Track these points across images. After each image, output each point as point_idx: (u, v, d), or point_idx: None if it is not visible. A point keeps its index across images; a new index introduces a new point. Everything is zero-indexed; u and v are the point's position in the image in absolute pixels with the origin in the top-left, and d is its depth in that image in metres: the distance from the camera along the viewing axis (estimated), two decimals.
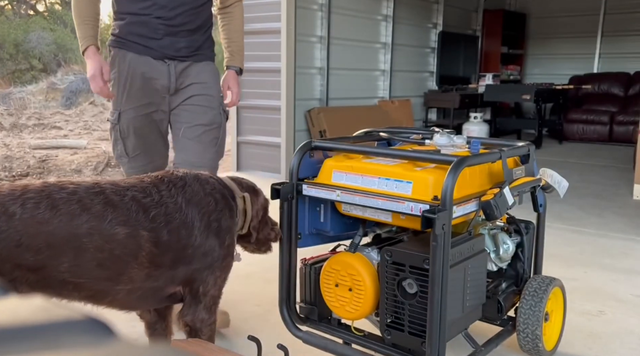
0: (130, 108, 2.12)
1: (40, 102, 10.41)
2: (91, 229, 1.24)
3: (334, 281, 1.61)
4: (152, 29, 2.07)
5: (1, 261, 1.16)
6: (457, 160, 1.40)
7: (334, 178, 1.62)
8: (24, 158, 5.73)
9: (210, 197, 1.45)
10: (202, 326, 1.46)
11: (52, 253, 1.21)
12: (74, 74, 11.79)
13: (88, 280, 1.27)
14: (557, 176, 1.83)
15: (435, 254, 1.37)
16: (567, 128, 7.63)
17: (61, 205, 1.22)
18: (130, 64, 2.10)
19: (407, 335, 1.50)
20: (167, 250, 1.34)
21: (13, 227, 1.17)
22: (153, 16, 2.06)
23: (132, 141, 2.16)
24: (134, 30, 2.09)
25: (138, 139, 2.17)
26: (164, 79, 2.11)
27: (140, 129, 2.16)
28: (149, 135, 2.19)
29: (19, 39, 14.47)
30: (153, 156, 2.22)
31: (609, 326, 2.18)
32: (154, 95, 2.13)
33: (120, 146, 2.18)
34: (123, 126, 2.15)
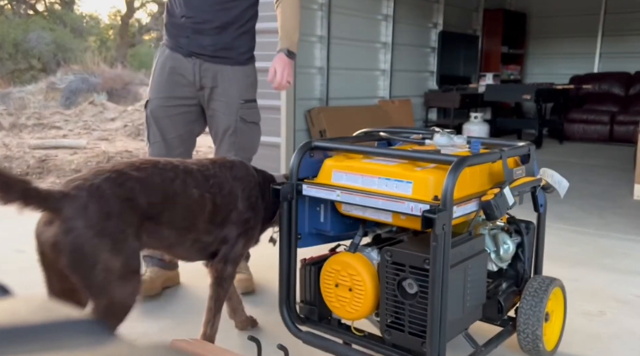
0: (156, 98, 2.27)
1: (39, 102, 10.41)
2: (181, 190, 1.60)
3: (334, 281, 1.61)
4: (181, 28, 2.23)
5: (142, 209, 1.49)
6: (458, 160, 1.39)
7: (333, 177, 1.62)
8: (24, 158, 5.73)
9: (252, 177, 1.81)
10: (227, 278, 1.78)
11: (163, 206, 1.55)
12: (73, 73, 11.79)
13: (174, 230, 1.60)
14: (557, 176, 1.83)
15: (435, 254, 1.37)
16: (567, 128, 7.63)
17: (164, 173, 1.58)
18: (165, 59, 2.28)
19: (407, 335, 1.50)
20: (220, 211, 1.68)
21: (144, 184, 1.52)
22: (181, 15, 2.21)
23: (154, 129, 2.28)
24: (171, 30, 2.27)
25: (159, 129, 2.28)
26: (190, 75, 2.24)
27: (161, 119, 2.27)
28: (168, 127, 2.28)
29: (18, 39, 14.48)
30: (170, 149, 2.28)
31: (610, 326, 2.17)
32: (179, 89, 2.26)
33: (146, 132, 2.33)
34: (148, 113, 2.30)
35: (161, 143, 2.28)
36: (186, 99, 2.28)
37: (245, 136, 2.30)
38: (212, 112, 2.29)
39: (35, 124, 8.17)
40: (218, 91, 2.26)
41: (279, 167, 5.11)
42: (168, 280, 2.43)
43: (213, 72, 2.24)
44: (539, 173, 1.80)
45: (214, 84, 2.25)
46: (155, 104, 2.27)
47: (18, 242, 3.10)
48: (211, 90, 2.26)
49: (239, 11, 2.24)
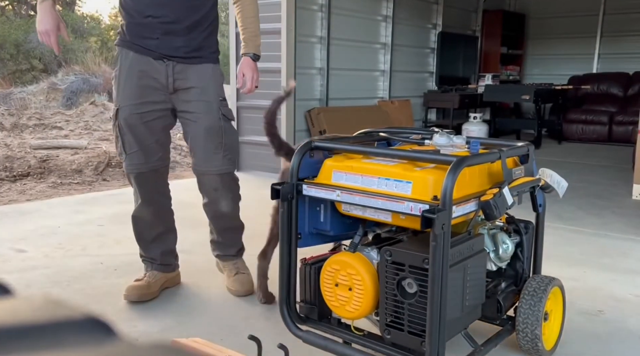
0: (127, 105, 2.15)
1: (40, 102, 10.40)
2: None
3: (334, 281, 1.62)
4: (149, 29, 2.10)
5: None
6: (457, 160, 1.40)
7: (333, 177, 1.62)
8: (25, 158, 5.73)
9: None
10: None
11: None
12: (74, 74, 11.78)
13: None
14: (556, 176, 1.83)
15: (435, 254, 1.37)
16: (566, 128, 7.63)
17: None
18: (131, 62, 2.14)
19: (406, 335, 1.50)
20: None
21: None
22: (149, 15, 2.09)
23: (129, 138, 2.18)
24: (135, 30, 2.13)
25: (134, 137, 2.18)
26: (162, 78, 2.14)
27: (136, 127, 2.17)
28: (145, 133, 2.19)
29: (19, 40, 14.47)
30: (149, 155, 2.21)
31: (608, 326, 2.18)
32: (151, 94, 2.15)
33: (119, 143, 2.20)
34: (121, 122, 2.17)
35: (139, 152, 2.19)
36: (160, 103, 2.18)
37: (231, 134, 2.25)
38: (190, 115, 2.19)
39: (37, 124, 8.17)
40: (196, 91, 2.17)
41: (279, 167, 5.11)
42: (168, 281, 2.43)
43: (188, 73, 2.16)
44: (537, 173, 1.80)
45: (191, 85, 2.17)
46: (127, 111, 2.15)
47: (18, 242, 3.10)
48: (187, 91, 2.17)
49: (206, 10, 2.18)
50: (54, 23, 2.05)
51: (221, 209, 2.33)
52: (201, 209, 2.41)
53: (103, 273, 2.66)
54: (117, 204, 3.92)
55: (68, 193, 4.74)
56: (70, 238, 3.17)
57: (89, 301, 2.34)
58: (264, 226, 2.28)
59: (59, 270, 2.70)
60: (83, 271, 2.69)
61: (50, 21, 2.05)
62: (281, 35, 4.91)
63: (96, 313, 0.30)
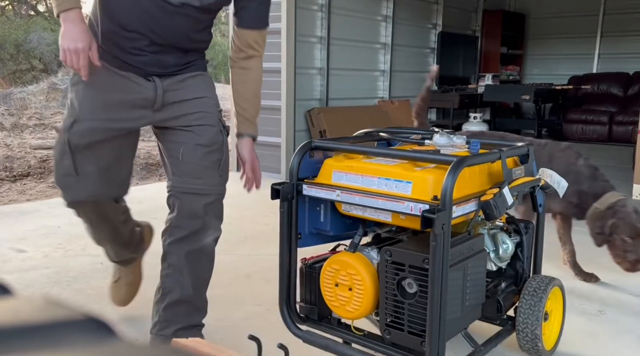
0: (92, 118, 1.73)
1: (41, 102, 10.40)
2: None
3: (334, 281, 1.62)
4: (135, 44, 1.71)
5: None
6: (457, 160, 1.40)
7: (333, 177, 1.62)
8: (25, 158, 5.74)
9: None
10: None
11: None
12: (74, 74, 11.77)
13: None
14: (556, 175, 1.83)
15: (435, 254, 1.37)
16: (566, 128, 7.63)
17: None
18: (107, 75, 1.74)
19: (406, 335, 1.50)
20: None
21: None
22: (131, 29, 1.70)
23: (86, 156, 1.75)
24: (115, 40, 1.72)
25: (93, 157, 1.76)
26: (149, 92, 1.76)
27: (98, 145, 1.75)
28: (108, 156, 1.80)
29: (19, 40, 14.47)
30: (108, 183, 1.83)
31: (608, 326, 2.18)
32: (128, 110, 1.77)
33: (67, 161, 1.74)
34: (75, 137, 1.73)
35: (95, 177, 1.78)
36: (136, 120, 1.80)
37: (227, 152, 1.90)
38: (186, 128, 1.81)
39: (37, 124, 8.17)
40: (192, 103, 1.81)
41: (279, 167, 5.11)
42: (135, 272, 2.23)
43: (180, 84, 1.81)
44: (537, 173, 1.80)
45: (185, 97, 1.81)
46: (89, 125, 1.73)
47: (18, 242, 3.10)
48: (180, 104, 1.80)
49: (205, 35, 1.85)
50: (87, 40, 1.61)
51: (204, 242, 1.83)
52: None
53: (103, 273, 2.66)
54: None
55: None
56: (70, 238, 3.17)
57: (89, 301, 2.34)
58: (263, 226, 2.28)
59: (59, 270, 2.70)
60: (83, 271, 2.69)
61: (82, 37, 1.60)
62: (281, 35, 4.91)
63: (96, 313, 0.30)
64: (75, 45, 1.61)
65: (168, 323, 1.83)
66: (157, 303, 1.86)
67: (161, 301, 1.84)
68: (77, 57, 1.62)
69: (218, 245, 1.89)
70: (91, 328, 0.30)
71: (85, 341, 0.28)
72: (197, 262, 1.84)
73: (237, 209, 3.76)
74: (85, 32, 1.62)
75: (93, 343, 0.28)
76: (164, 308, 1.83)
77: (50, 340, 0.28)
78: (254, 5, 1.85)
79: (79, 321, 0.30)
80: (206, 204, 1.80)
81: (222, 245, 2.95)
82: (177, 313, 1.83)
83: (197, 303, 1.87)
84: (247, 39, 1.87)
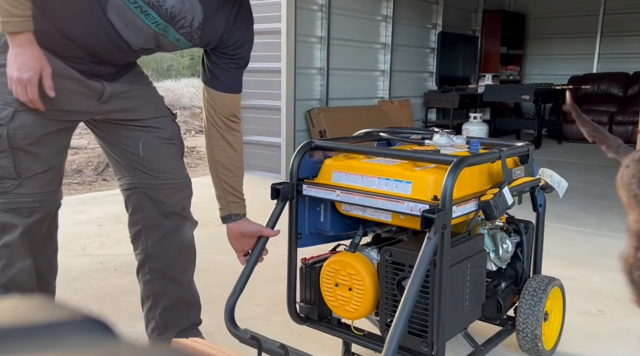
0: (29, 110, 1.47)
1: None
2: None
3: (334, 281, 1.61)
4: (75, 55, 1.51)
5: None
6: (457, 160, 1.40)
7: (333, 177, 1.62)
8: None
9: None
10: None
11: None
12: None
13: None
14: (556, 176, 1.83)
15: (435, 254, 1.37)
16: (566, 128, 7.63)
17: None
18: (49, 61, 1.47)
19: (406, 335, 1.50)
20: None
21: None
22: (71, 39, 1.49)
23: (30, 154, 1.50)
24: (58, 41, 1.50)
25: (39, 154, 1.51)
26: (96, 84, 1.58)
27: (44, 140, 1.52)
28: (54, 152, 1.57)
29: None
30: (54, 182, 1.57)
31: (608, 325, 2.18)
32: (72, 99, 1.55)
33: (5, 162, 1.47)
34: (17, 132, 1.46)
35: (41, 178, 1.52)
36: (82, 113, 1.61)
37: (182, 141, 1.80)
38: (139, 122, 1.66)
39: None
40: (140, 93, 1.69)
41: (279, 167, 5.11)
42: None
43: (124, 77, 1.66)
44: (538, 173, 1.80)
45: (134, 87, 1.67)
46: (32, 117, 1.47)
47: None
48: (127, 95, 1.65)
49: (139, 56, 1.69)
50: (36, 68, 1.39)
51: (187, 237, 1.78)
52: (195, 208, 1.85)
53: (103, 273, 2.66)
54: (117, 204, 3.91)
55: (68, 193, 4.73)
56: (70, 238, 3.17)
57: (89, 301, 2.34)
58: None
59: (59, 270, 2.69)
60: (83, 271, 2.68)
61: (32, 64, 1.38)
62: (281, 35, 4.91)
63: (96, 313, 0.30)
64: (22, 75, 1.38)
65: (167, 327, 1.81)
66: (150, 311, 1.81)
67: (154, 308, 1.79)
68: (23, 89, 1.40)
69: (218, 245, 1.89)
70: (91, 328, 0.30)
71: (85, 341, 0.28)
72: (184, 259, 1.78)
73: None
74: (36, 57, 1.39)
75: (93, 343, 0.28)
76: (160, 314, 1.79)
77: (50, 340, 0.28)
78: (233, 68, 1.66)
79: (79, 321, 0.30)
80: (182, 197, 1.73)
81: (222, 245, 2.95)
82: (174, 315, 1.81)
83: (191, 299, 1.85)
84: (230, 104, 1.68)
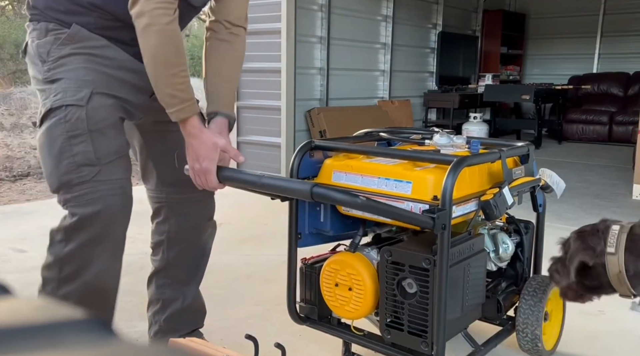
0: (110, 94, 1.41)
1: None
2: None
3: (334, 281, 1.61)
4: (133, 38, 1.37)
5: None
6: (457, 160, 1.40)
7: (333, 177, 1.62)
8: (25, 158, 5.73)
9: None
10: None
11: None
12: None
13: None
14: (555, 176, 1.83)
15: (435, 253, 1.37)
16: (566, 128, 7.63)
17: None
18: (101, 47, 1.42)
19: (406, 335, 1.50)
20: None
21: None
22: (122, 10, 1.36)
23: (108, 138, 1.40)
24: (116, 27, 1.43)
25: (117, 138, 1.43)
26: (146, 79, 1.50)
27: (119, 124, 1.45)
28: (125, 140, 1.51)
29: (19, 40, 14.46)
30: (129, 170, 1.50)
31: (609, 326, 2.18)
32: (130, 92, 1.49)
33: (83, 146, 1.36)
34: (97, 112, 1.37)
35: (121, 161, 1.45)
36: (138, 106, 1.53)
37: None
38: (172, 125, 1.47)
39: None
40: None
41: (279, 167, 5.11)
42: None
43: None
44: (538, 173, 1.80)
45: None
46: (110, 101, 1.41)
47: (18, 242, 3.10)
48: None
49: None
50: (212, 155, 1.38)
51: (207, 247, 1.78)
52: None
53: None
54: None
55: None
56: None
57: None
58: (263, 226, 2.28)
59: None
60: None
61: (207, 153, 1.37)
62: (281, 35, 4.90)
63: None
64: (201, 165, 1.38)
65: (171, 332, 1.79)
66: (156, 314, 1.81)
67: (161, 312, 1.80)
68: (204, 179, 1.41)
69: (218, 245, 1.89)
70: (91, 328, 0.30)
71: (85, 341, 0.28)
72: (200, 268, 1.81)
73: (237, 210, 3.76)
74: (207, 144, 1.36)
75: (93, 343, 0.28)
76: (165, 319, 1.79)
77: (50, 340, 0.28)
78: None
79: (79, 321, 0.30)
80: (209, 207, 1.74)
81: (222, 245, 2.96)
82: (180, 321, 1.80)
83: (198, 307, 1.86)
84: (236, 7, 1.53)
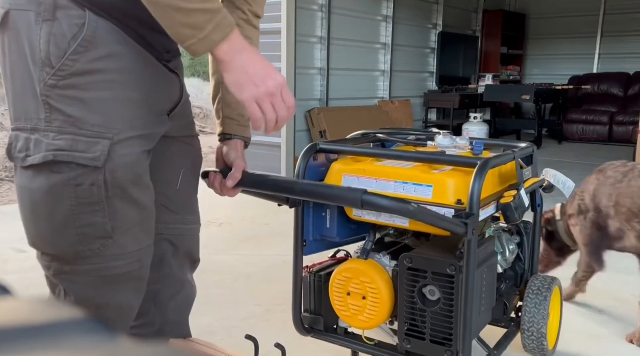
0: (135, 136, 1.10)
1: None
2: None
3: (346, 290, 1.54)
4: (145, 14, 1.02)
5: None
6: (482, 162, 1.35)
7: (344, 182, 1.53)
8: None
9: None
10: None
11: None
12: None
13: None
14: (560, 176, 1.81)
15: (467, 259, 1.33)
16: (566, 128, 7.65)
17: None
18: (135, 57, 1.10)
19: (428, 343, 1.44)
20: None
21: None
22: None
23: (128, 202, 1.12)
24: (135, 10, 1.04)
25: (138, 200, 1.14)
26: (174, 90, 1.25)
27: (145, 177, 1.16)
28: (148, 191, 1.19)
29: None
30: (150, 233, 1.22)
31: (608, 326, 2.17)
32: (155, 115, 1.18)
33: (95, 217, 1.08)
34: (118, 174, 1.07)
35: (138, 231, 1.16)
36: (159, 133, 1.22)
37: None
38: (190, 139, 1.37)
39: None
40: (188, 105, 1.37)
41: (279, 167, 5.11)
42: None
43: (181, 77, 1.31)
44: (541, 174, 1.79)
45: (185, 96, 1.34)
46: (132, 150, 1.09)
47: (18, 242, 3.10)
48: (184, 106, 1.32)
49: None
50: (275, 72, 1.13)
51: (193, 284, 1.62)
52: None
53: None
54: None
55: None
56: None
57: None
58: (263, 226, 2.27)
59: None
60: None
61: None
62: (281, 35, 4.91)
63: None
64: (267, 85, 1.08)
65: None
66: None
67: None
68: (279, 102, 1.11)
69: (218, 245, 1.88)
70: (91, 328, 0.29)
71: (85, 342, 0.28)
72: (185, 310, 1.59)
73: (238, 210, 3.76)
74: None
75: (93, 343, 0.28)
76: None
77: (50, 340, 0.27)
78: None
79: (79, 321, 0.29)
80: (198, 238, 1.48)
81: (222, 245, 2.95)
82: None
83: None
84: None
